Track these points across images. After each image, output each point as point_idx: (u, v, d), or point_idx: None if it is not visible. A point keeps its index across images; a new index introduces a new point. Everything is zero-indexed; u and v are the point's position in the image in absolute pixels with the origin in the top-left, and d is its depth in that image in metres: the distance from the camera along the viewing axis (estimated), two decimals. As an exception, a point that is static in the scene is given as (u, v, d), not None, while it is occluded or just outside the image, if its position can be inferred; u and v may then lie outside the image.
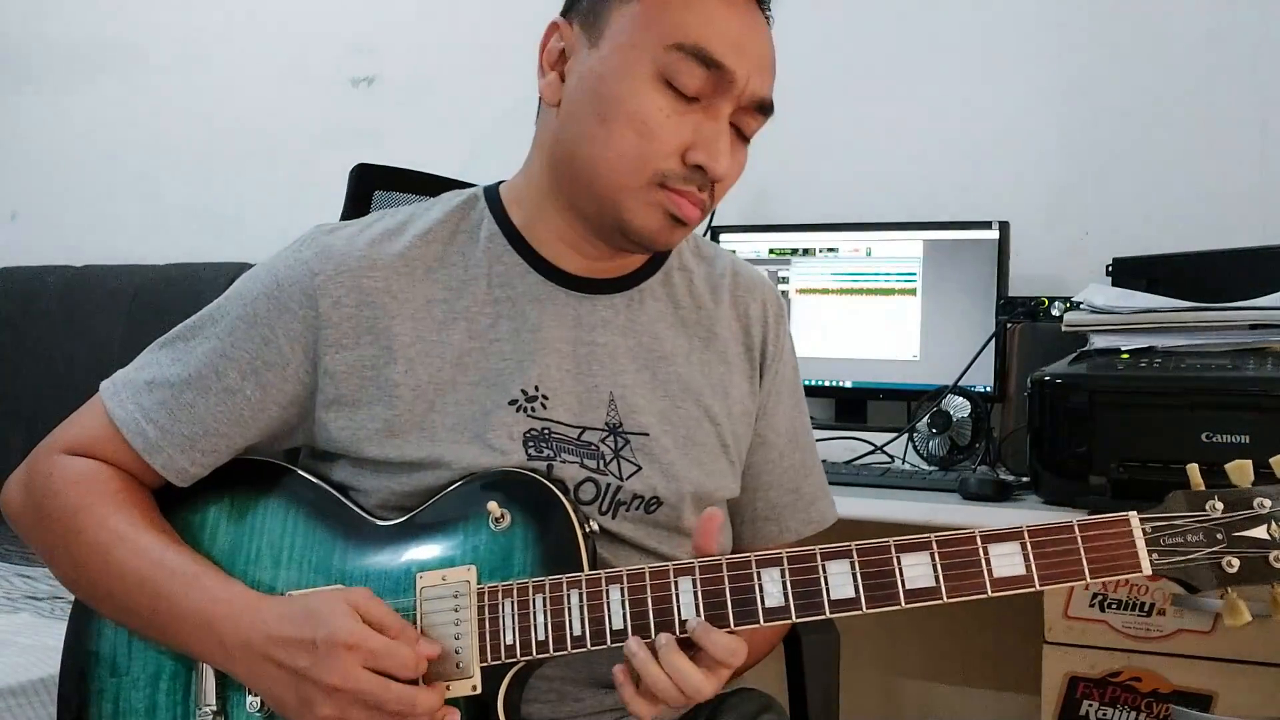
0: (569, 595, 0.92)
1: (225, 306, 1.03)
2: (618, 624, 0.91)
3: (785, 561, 0.90)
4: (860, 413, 2.05)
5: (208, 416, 1.00)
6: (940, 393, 1.83)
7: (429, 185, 1.37)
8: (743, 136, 1.02)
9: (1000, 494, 1.57)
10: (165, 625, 0.96)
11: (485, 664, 0.93)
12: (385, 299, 1.00)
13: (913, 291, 1.97)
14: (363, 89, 2.64)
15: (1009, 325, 1.81)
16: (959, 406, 1.82)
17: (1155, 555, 0.85)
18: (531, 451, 1.00)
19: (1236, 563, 0.84)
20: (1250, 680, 1.37)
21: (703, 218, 1.01)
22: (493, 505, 0.95)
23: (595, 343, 1.04)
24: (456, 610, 0.94)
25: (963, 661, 2.14)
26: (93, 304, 2.63)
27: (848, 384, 2.01)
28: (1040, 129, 2.07)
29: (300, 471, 1.05)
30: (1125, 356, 1.51)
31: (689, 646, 0.90)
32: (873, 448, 1.87)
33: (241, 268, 1.06)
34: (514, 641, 0.92)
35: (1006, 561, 0.88)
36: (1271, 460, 0.85)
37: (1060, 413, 1.45)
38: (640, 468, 1.03)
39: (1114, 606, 1.43)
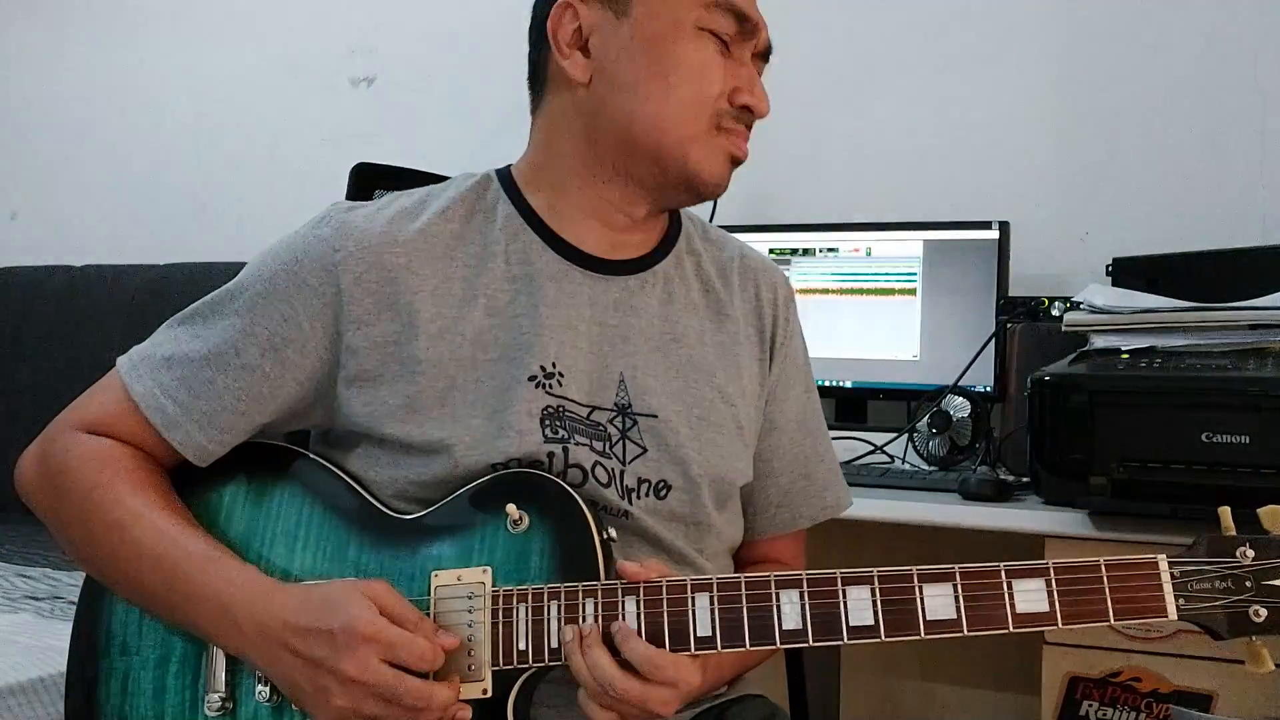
0: (584, 604, 0.92)
1: (244, 283, 1.02)
2: None
3: (805, 584, 0.90)
4: (860, 413, 2.05)
5: (226, 393, 1.00)
6: (940, 393, 1.83)
7: (429, 184, 1.37)
8: None
9: (1000, 494, 1.57)
10: (179, 605, 0.96)
11: (497, 668, 0.93)
12: (407, 275, 1.01)
13: (913, 291, 1.97)
14: (363, 89, 2.64)
15: (1009, 325, 1.81)
16: (959, 406, 1.82)
17: (1181, 600, 0.85)
18: (548, 432, 1.00)
19: (1264, 613, 0.83)
20: (1250, 680, 1.37)
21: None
22: (511, 508, 0.95)
23: (610, 323, 1.05)
24: (470, 611, 0.94)
25: (963, 661, 2.14)
26: (93, 304, 2.63)
27: (848, 384, 2.01)
28: (1040, 129, 2.07)
29: (318, 459, 1.04)
30: (1125, 356, 1.51)
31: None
32: (873, 448, 1.87)
33: (242, 268, 1.06)
34: (527, 647, 0.92)
35: (1030, 597, 0.88)
36: None
37: (1060, 413, 1.45)
38: (645, 450, 1.03)
39: (1114, 606, 1.43)
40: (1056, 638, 1.45)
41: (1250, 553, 0.84)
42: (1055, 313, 1.75)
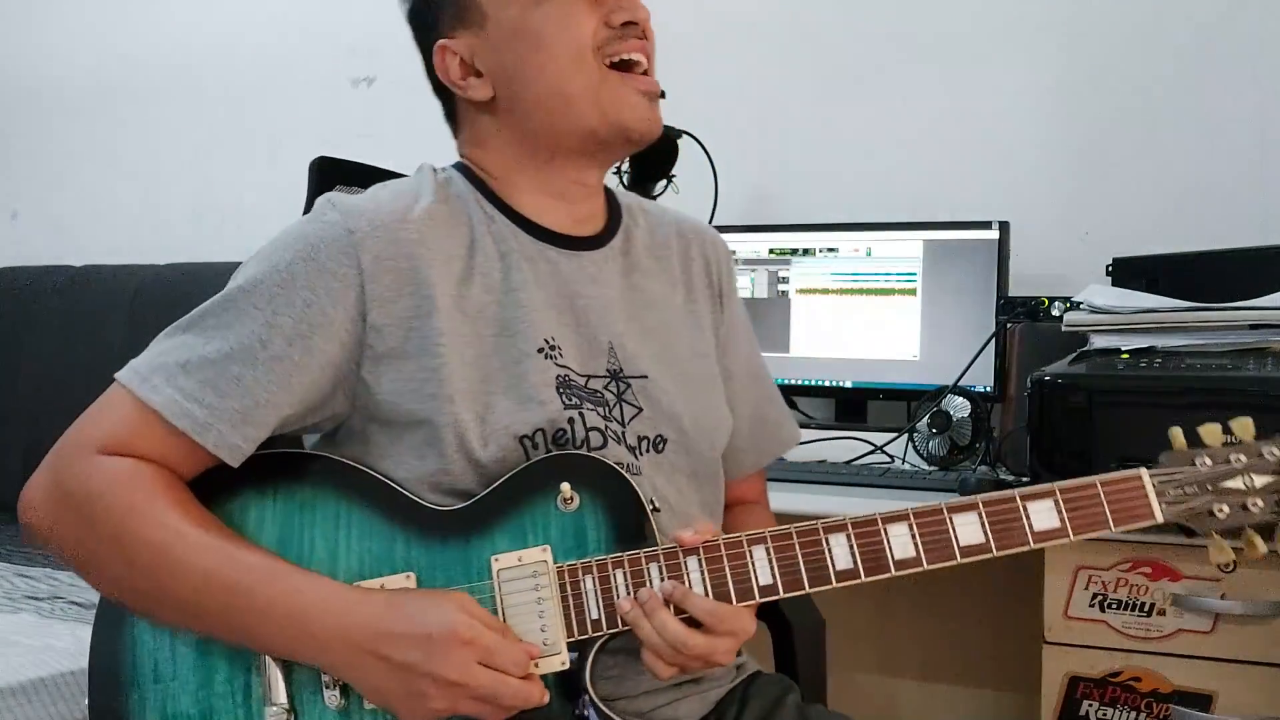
0: (649, 569, 0.98)
1: (257, 278, 1.01)
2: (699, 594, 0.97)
3: (850, 527, 0.98)
4: (860, 413, 2.05)
5: (256, 387, 0.98)
6: (940, 393, 1.83)
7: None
8: None
9: (1000, 494, 1.57)
10: (240, 622, 0.94)
11: (571, 639, 0.97)
12: (421, 250, 1.03)
13: (913, 291, 1.97)
14: (363, 89, 2.64)
15: (1009, 325, 1.80)
16: (959, 406, 1.82)
17: (1165, 505, 0.98)
18: (565, 400, 1.04)
19: (1226, 509, 0.97)
20: (1250, 680, 1.37)
21: (653, 79, 1.11)
22: (564, 486, 0.99)
23: (587, 295, 1.10)
24: (537, 589, 0.97)
25: (963, 661, 2.14)
26: (93, 304, 2.62)
27: (848, 384, 2.01)
28: (1040, 129, 2.07)
29: (345, 460, 1.03)
30: (1125, 356, 1.51)
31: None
32: (873, 448, 1.87)
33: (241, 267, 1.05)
34: (599, 615, 0.97)
35: (1044, 516, 0.98)
36: (1232, 423, 1.00)
37: (1060, 413, 1.45)
38: (641, 409, 1.09)
39: (1114, 607, 1.43)
40: (1056, 637, 1.45)
41: (1208, 461, 0.99)
42: (1055, 313, 1.75)
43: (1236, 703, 1.37)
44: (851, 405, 2.06)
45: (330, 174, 1.34)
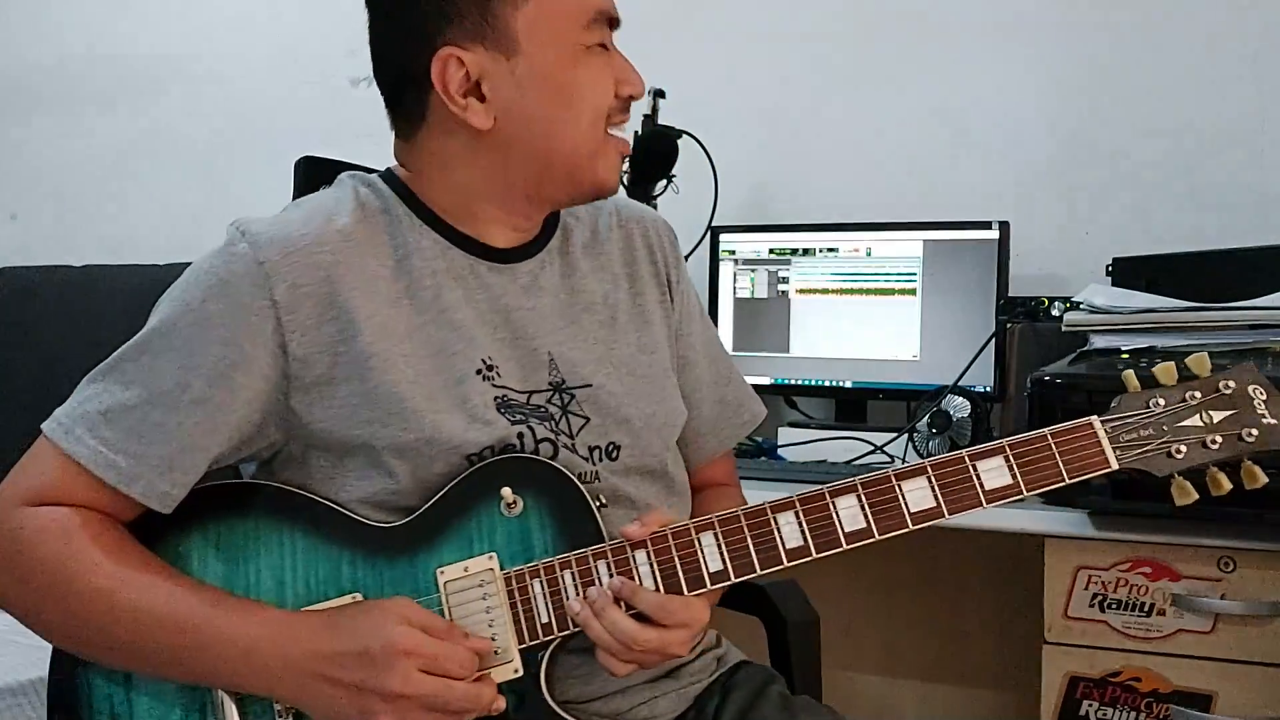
0: (597, 566, 0.96)
1: (170, 320, 1.00)
2: (649, 587, 0.96)
3: (798, 504, 0.97)
4: (860, 413, 2.05)
5: (179, 432, 0.96)
6: (940, 393, 1.83)
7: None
8: None
9: (1000, 494, 1.57)
10: (191, 660, 0.93)
11: (524, 645, 0.96)
12: (340, 271, 1.00)
13: (913, 291, 1.97)
14: (363, 89, 2.64)
15: (1009, 325, 1.80)
16: (959, 406, 1.82)
17: (1119, 451, 0.96)
18: (509, 418, 1.02)
19: (1184, 449, 0.95)
20: (1250, 680, 1.37)
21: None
22: (506, 491, 0.97)
23: (524, 308, 1.07)
24: (485, 598, 0.96)
25: (963, 661, 2.14)
26: (93, 304, 2.62)
27: (848, 384, 2.01)
28: (1040, 129, 2.06)
29: (283, 486, 1.02)
30: (1125, 356, 1.51)
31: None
32: (873, 448, 1.87)
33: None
34: (550, 619, 0.96)
35: (994, 475, 0.96)
36: (1187, 360, 0.97)
37: (1060, 413, 1.44)
38: (588, 419, 1.07)
39: (1114, 606, 1.43)
40: (1056, 637, 1.45)
41: (1161, 401, 0.96)
42: (1055, 313, 1.75)
43: (1236, 703, 1.37)
44: (851, 405, 2.05)
45: (315, 174, 1.34)
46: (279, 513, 1.01)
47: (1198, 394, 0.96)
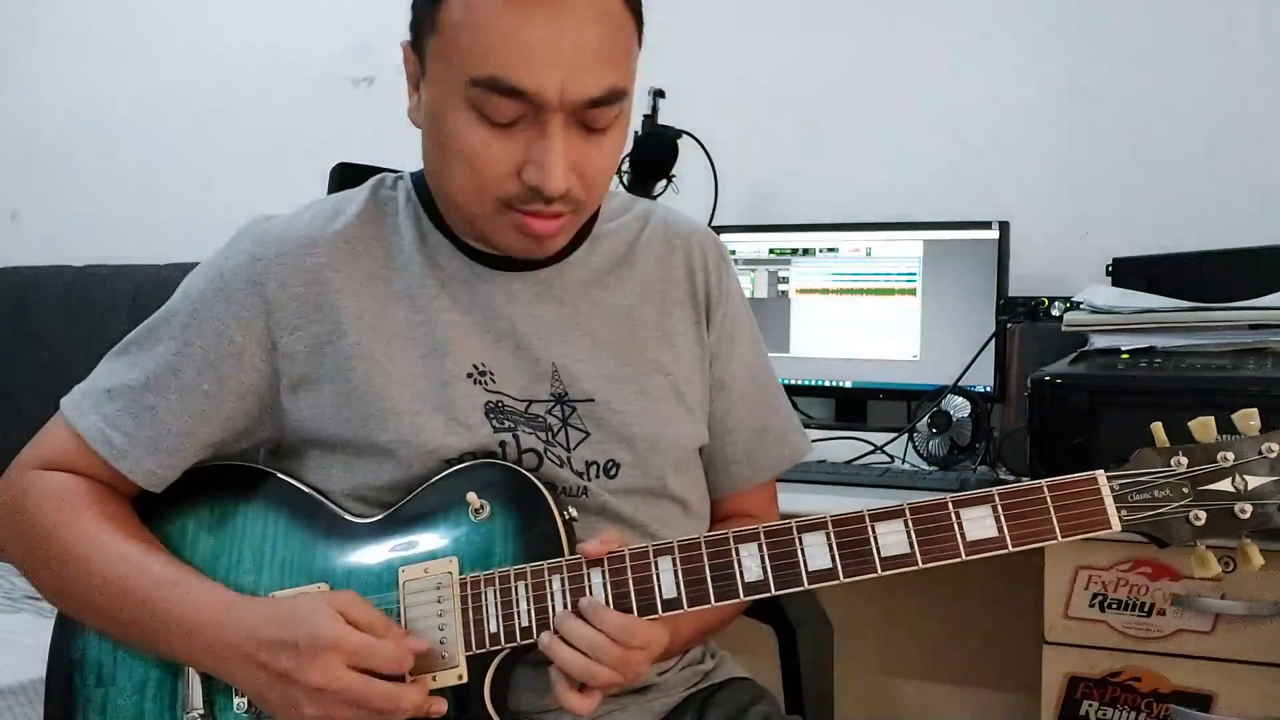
0: (550, 581, 0.94)
1: (174, 307, 1.05)
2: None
3: (762, 536, 0.92)
4: (860, 413, 2.05)
5: (169, 416, 1.01)
6: (940, 393, 1.83)
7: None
8: (597, 129, 0.95)
9: (1000, 494, 1.56)
10: (150, 632, 0.96)
11: (470, 653, 0.94)
12: (329, 274, 1.02)
13: (913, 291, 1.97)
14: (363, 89, 2.64)
15: (1009, 325, 1.80)
16: (959, 406, 1.82)
17: (1124, 512, 0.87)
18: (495, 424, 1.01)
19: (1204, 515, 0.86)
20: (1250, 680, 1.37)
21: (568, 226, 0.99)
22: (471, 496, 0.97)
23: (531, 316, 1.05)
24: (439, 601, 0.95)
25: (963, 661, 2.14)
26: (93, 304, 2.62)
27: (848, 384, 2.01)
28: (1040, 129, 2.06)
29: (277, 474, 1.05)
30: (1125, 356, 1.51)
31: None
32: (873, 448, 1.87)
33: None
34: (498, 629, 0.94)
35: (979, 525, 0.89)
36: (1233, 416, 0.87)
37: (1060, 413, 1.45)
38: (588, 434, 1.04)
39: (1114, 606, 1.43)
40: (1056, 637, 1.45)
41: (1184, 460, 0.87)
42: (1055, 313, 1.75)
43: (1236, 703, 1.37)
44: (851, 405, 2.06)
45: (350, 180, 1.34)
46: (268, 498, 1.03)
47: (1230, 456, 0.86)
